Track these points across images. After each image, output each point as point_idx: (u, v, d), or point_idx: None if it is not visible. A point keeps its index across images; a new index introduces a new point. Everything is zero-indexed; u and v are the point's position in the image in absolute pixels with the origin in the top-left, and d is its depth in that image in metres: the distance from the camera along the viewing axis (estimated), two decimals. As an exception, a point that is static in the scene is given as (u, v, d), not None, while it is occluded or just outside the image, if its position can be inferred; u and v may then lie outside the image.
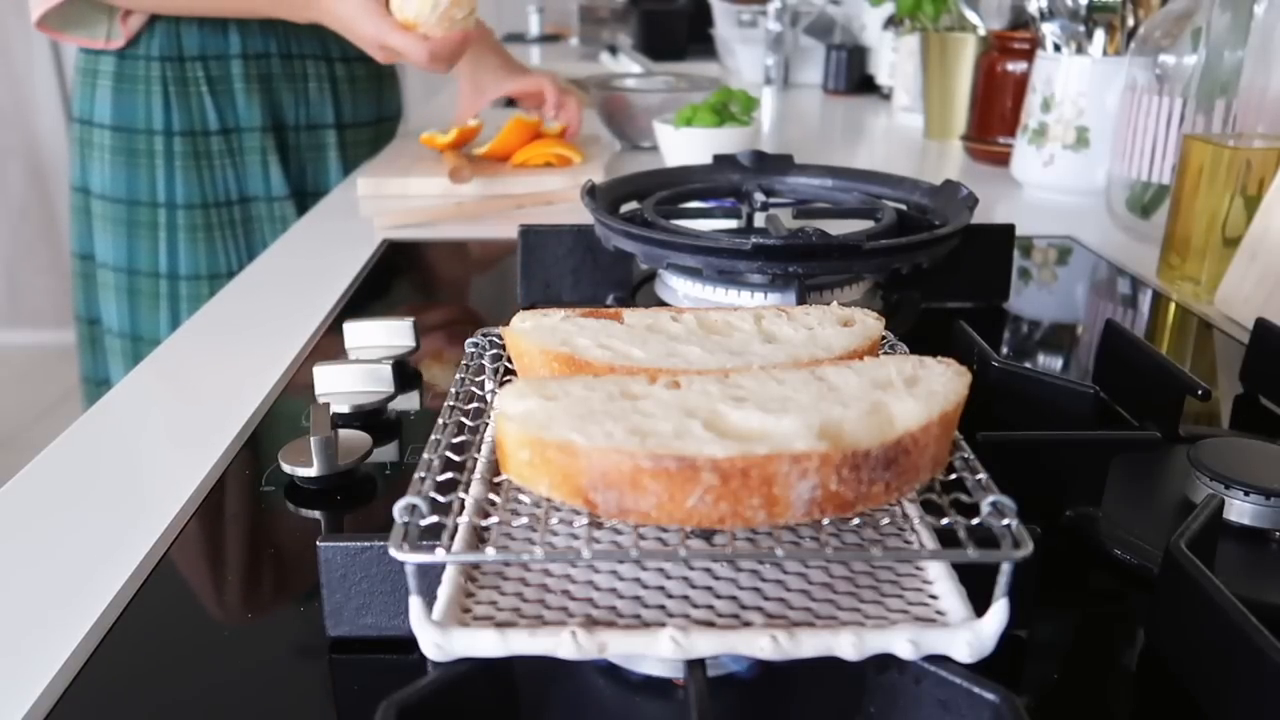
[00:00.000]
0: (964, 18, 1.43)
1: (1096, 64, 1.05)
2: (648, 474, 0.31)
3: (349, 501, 0.50)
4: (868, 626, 0.33)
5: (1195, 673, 0.36)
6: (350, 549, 0.37)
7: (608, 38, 2.75)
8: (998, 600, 0.32)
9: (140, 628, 0.40)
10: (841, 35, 2.04)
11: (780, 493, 0.31)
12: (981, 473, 0.36)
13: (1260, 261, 0.72)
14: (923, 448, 0.33)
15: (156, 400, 0.63)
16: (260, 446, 0.55)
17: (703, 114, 1.16)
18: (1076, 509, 0.46)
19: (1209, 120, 0.78)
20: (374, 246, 0.93)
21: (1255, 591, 0.38)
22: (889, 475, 0.33)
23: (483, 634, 0.32)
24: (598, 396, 0.35)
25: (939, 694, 0.32)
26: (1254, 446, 0.48)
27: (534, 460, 0.33)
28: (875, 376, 0.37)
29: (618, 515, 0.32)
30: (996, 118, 1.27)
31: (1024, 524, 0.33)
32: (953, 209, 0.72)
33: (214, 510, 0.49)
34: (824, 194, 0.82)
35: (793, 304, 0.58)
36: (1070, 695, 0.37)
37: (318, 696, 0.37)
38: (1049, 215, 1.05)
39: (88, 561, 0.45)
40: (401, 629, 0.37)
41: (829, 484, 0.31)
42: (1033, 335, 0.76)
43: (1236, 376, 0.63)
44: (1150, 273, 0.85)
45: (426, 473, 0.35)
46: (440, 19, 1.01)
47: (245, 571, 0.44)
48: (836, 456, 0.31)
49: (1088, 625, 0.41)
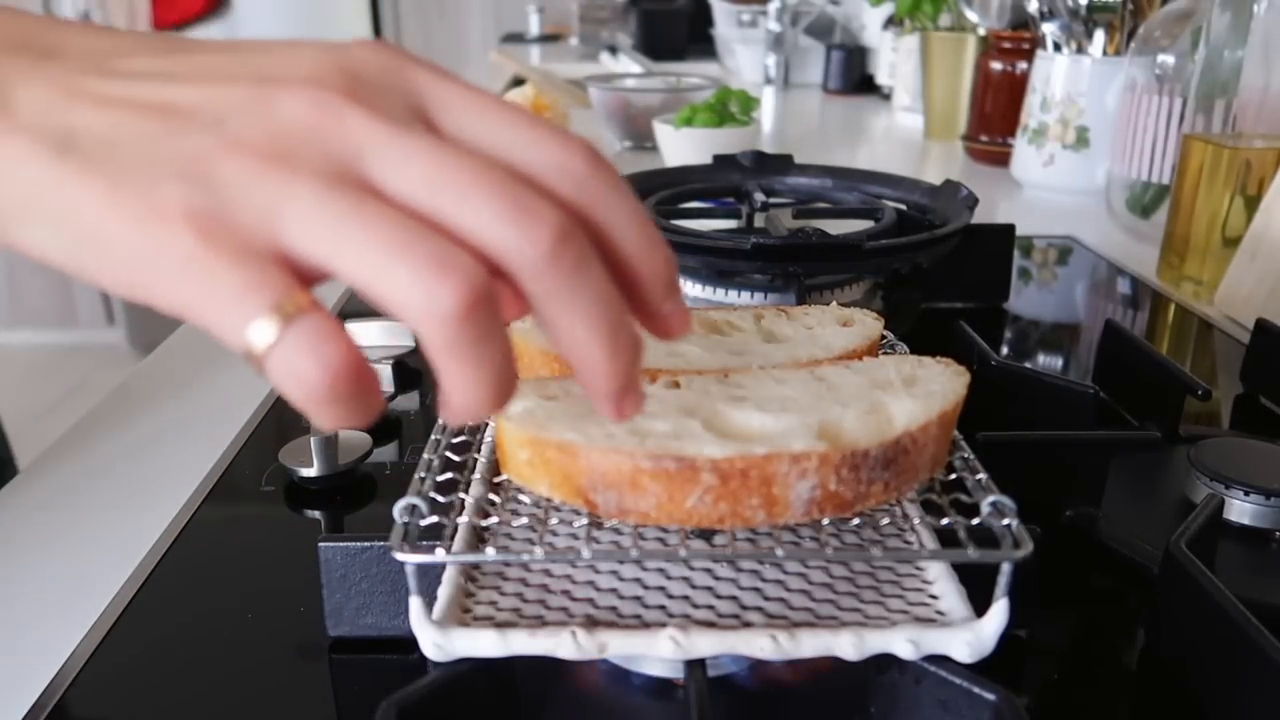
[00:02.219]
0: (964, 18, 1.43)
1: (1096, 64, 1.05)
2: (647, 474, 0.31)
3: (349, 501, 0.50)
4: (868, 626, 0.33)
5: (1195, 673, 0.36)
6: (350, 549, 0.37)
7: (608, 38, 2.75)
8: (998, 600, 0.32)
9: (140, 627, 0.40)
10: (841, 35, 2.04)
11: (780, 493, 0.31)
12: (981, 473, 0.36)
13: (1260, 261, 0.72)
14: (922, 447, 0.33)
15: (156, 400, 0.63)
16: (260, 446, 0.55)
17: (703, 114, 1.16)
18: (1076, 509, 0.46)
19: (1209, 120, 0.78)
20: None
21: (1255, 591, 0.38)
22: (888, 475, 0.33)
23: (483, 634, 0.32)
24: None
25: (939, 694, 0.32)
26: (1254, 446, 0.48)
27: (533, 460, 0.33)
28: (874, 376, 0.37)
29: (617, 515, 0.32)
30: (996, 118, 1.27)
31: (1024, 524, 0.33)
32: (953, 209, 0.72)
33: (214, 510, 0.49)
34: (824, 194, 0.82)
35: (793, 304, 0.58)
36: (1070, 695, 0.37)
37: (318, 696, 0.37)
38: (1049, 215, 1.05)
39: (88, 561, 0.45)
40: (401, 629, 0.37)
41: (828, 484, 0.31)
42: (1033, 335, 0.76)
43: (1236, 376, 0.63)
44: (1150, 273, 0.85)
45: (426, 473, 0.35)
46: None
47: (245, 571, 0.44)
48: (835, 456, 0.31)
49: (1088, 625, 0.41)
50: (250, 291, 0.23)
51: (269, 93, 0.25)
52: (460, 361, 0.24)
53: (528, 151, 0.25)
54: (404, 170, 0.24)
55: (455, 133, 0.26)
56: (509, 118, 0.26)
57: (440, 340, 0.23)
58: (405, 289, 0.23)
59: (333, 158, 0.24)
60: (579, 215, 0.25)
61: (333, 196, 0.23)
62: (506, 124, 0.26)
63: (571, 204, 0.25)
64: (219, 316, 0.23)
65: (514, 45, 2.90)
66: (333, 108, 0.24)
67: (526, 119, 0.26)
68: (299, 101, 0.24)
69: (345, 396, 0.24)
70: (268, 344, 0.23)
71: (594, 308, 0.25)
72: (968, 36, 1.41)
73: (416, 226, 0.23)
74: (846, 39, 2.03)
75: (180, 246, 0.23)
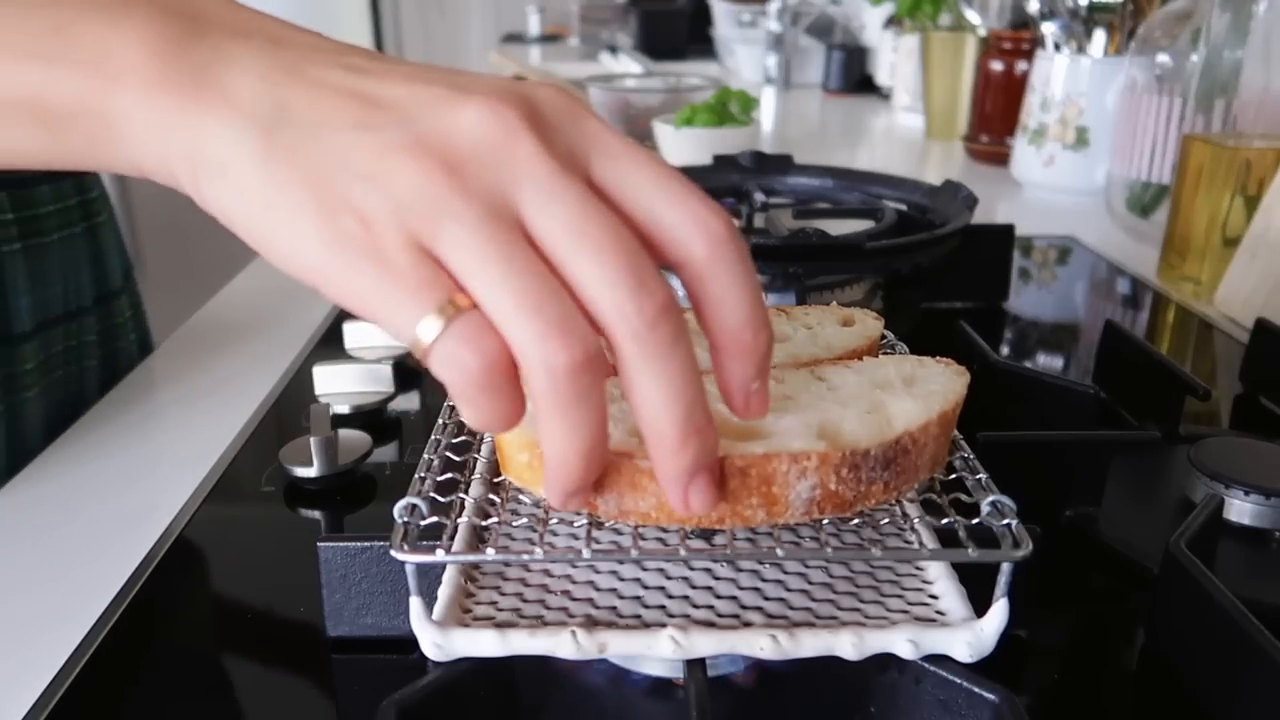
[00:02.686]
0: (964, 18, 1.43)
1: (1096, 64, 1.05)
2: (646, 474, 0.31)
3: (349, 501, 0.50)
4: (868, 626, 0.33)
5: (1195, 673, 0.36)
6: (350, 549, 0.37)
7: (608, 38, 2.75)
8: (998, 600, 0.32)
9: (140, 627, 0.40)
10: (841, 35, 2.04)
11: (779, 492, 0.31)
12: (981, 473, 0.36)
13: (1260, 261, 0.72)
14: (921, 447, 0.33)
15: (156, 400, 0.63)
16: (260, 446, 0.55)
17: (703, 114, 1.16)
18: (1076, 509, 0.46)
19: (1209, 120, 0.78)
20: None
21: (1255, 591, 0.38)
22: (888, 475, 0.33)
23: (483, 634, 0.32)
24: None
25: (939, 694, 0.32)
26: (1254, 446, 0.48)
27: (533, 462, 0.33)
28: (874, 376, 0.37)
29: (618, 516, 0.32)
30: (996, 118, 1.27)
31: (1024, 524, 0.33)
32: (953, 209, 0.72)
33: (214, 510, 0.49)
34: (824, 194, 0.83)
35: (793, 304, 0.58)
36: (1070, 695, 0.37)
37: (318, 696, 0.37)
38: (1049, 215, 1.05)
39: (88, 561, 0.45)
40: (401, 629, 0.37)
41: (828, 483, 0.31)
42: (1033, 335, 0.76)
43: (1236, 376, 0.63)
44: (1150, 273, 0.85)
45: (426, 473, 0.35)
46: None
47: (245, 571, 0.44)
48: (835, 456, 0.31)
49: (1088, 625, 0.41)
50: (422, 290, 0.26)
51: (460, 98, 0.28)
52: (561, 414, 0.27)
53: (671, 209, 0.28)
54: (552, 211, 0.27)
55: (609, 179, 0.28)
56: (662, 173, 0.28)
57: (546, 390, 0.26)
58: (529, 341, 0.26)
59: (497, 182, 0.27)
60: (698, 279, 0.28)
61: (488, 230, 0.26)
62: (659, 179, 0.28)
63: (696, 267, 0.28)
64: (392, 312, 0.26)
65: (514, 45, 2.90)
66: (510, 127, 0.27)
67: (679, 179, 0.28)
68: (484, 112, 0.27)
69: (497, 387, 0.27)
70: (434, 337, 0.26)
71: (676, 380, 0.27)
72: (968, 36, 1.41)
73: (550, 284, 0.26)
74: (846, 39, 2.03)
75: (361, 244, 0.26)
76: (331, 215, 0.27)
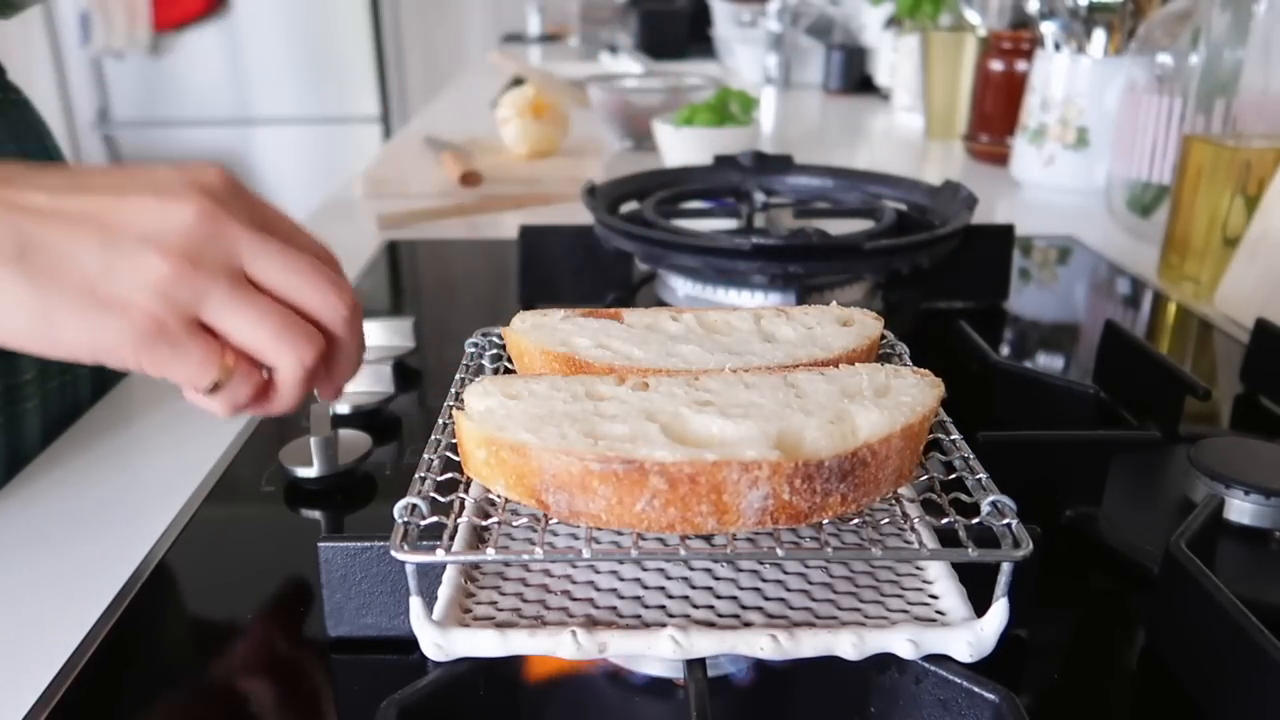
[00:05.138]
0: (964, 18, 1.43)
1: (1096, 64, 1.05)
2: (596, 476, 0.31)
3: (349, 501, 0.50)
4: (868, 626, 0.33)
5: (1195, 673, 0.36)
6: (350, 549, 0.37)
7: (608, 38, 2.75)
8: (998, 600, 0.32)
9: (140, 628, 0.40)
10: (841, 35, 2.04)
11: (730, 500, 0.31)
12: (981, 473, 0.36)
13: (1260, 261, 0.72)
14: (883, 460, 0.33)
15: (156, 400, 0.63)
16: (260, 447, 0.55)
17: (703, 114, 1.16)
18: (1076, 509, 0.46)
19: (1209, 120, 0.78)
20: (374, 246, 0.93)
21: (1255, 591, 0.38)
22: (844, 487, 0.32)
23: (483, 634, 0.32)
24: (561, 396, 0.35)
25: (939, 694, 0.32)
26: (1254, 446, 0.48)
27: (490, 460, 0.33)
28: (846, 385, 0.36)
29: (569, 517, 0.32)
30: (996, 118, 1.27)
31: (1024, 524, 0.33)
32: (953, 209, 0.72)
33: (214, 510, 0.49)
34: (824, 194, 0.82)
35: (793, 304, 0.58)
36: (1070, 695, 0.37)
37: (318, 696, 0.37)
38: (1049, 215, 1.05)
39: (88, 561, 0.45)
40: (401, 629, 0.37)
41: (781, 493, 0.31)
42: (1033, 335, 0.76)
43: (1236, 376, 0.63)
44: (1150, 273, 0.85)
45: (426, 473, 0.35)
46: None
47: (245, 571, 0.44)
48: (788, 466, 0.31)
49: (1088, 625, 0.41)
50: (206, 362, 0.37)
51: (165, 203, 0.36)
52: (306, 383, 0.39)
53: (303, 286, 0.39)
54: (266, 260, 0.38)
55: (275, 230, 0.39)
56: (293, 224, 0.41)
57: (300, 376, 0.39)
58: (283, 354, 0.38)
59: (223, 255, 0.37)
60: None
61: (235, 294, 0.37)
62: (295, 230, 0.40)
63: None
64: (188, 379, 0.37)
65: (514, 45, 2.90)
66: (213, 213, 0.37)
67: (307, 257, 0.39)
68: (192, 209, 0.36)
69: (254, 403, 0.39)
70: (216, 388, 0.38)
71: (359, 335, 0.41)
72: (968, 36, 1.41)
73: (285, 313, 0.38)
74: (846, 39, 2.03)
75: (153, 331, 0.35)
76: (122, 312, 0.35)
